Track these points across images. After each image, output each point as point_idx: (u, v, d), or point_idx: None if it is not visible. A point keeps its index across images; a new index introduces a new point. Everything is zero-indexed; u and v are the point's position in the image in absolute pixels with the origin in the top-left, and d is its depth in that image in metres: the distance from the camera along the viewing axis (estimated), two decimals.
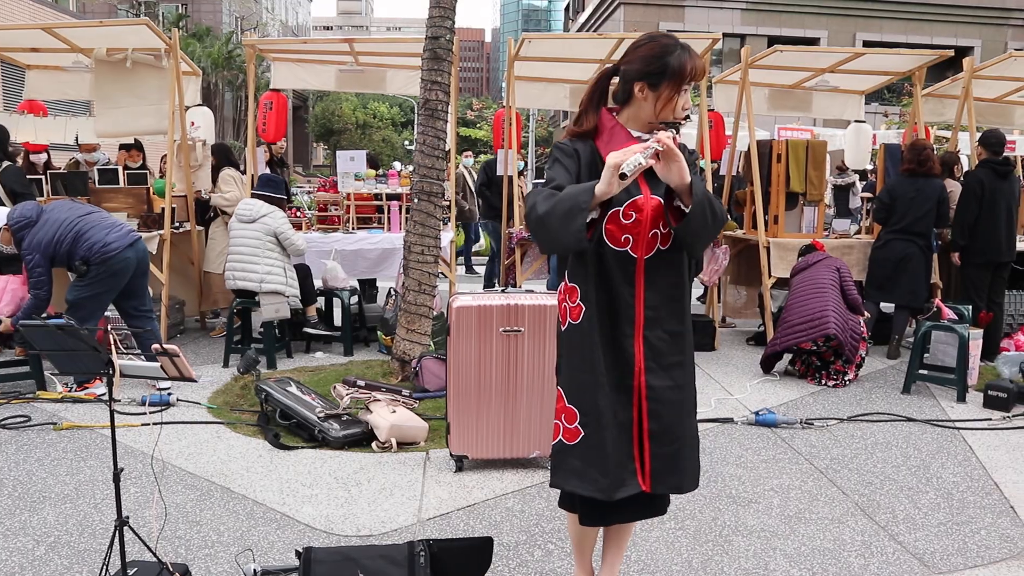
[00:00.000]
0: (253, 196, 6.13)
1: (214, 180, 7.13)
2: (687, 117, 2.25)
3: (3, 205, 5.65)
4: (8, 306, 5.23)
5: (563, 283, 2.36)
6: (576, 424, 2.27)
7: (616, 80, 2.28)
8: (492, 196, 8.94)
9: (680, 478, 2.31)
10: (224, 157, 7.19)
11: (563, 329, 2.34)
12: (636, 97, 2.20)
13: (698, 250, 2.27)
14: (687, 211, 2.12)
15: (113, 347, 2.63)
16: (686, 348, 2.32)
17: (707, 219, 2.13)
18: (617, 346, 2.25)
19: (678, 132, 2.18)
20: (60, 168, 7.66)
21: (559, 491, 2.43)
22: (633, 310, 2.23)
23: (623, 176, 1.97)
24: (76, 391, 5.14)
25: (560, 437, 2.32)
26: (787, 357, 5.97)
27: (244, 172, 7.40)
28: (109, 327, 2.67)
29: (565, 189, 2.10)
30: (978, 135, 6.75)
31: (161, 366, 2.68)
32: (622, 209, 2.16)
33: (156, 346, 2.66)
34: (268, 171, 7.79)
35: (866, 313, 5.97)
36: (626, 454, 2.26)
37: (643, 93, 2.19)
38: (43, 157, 7.59)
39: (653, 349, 2.24)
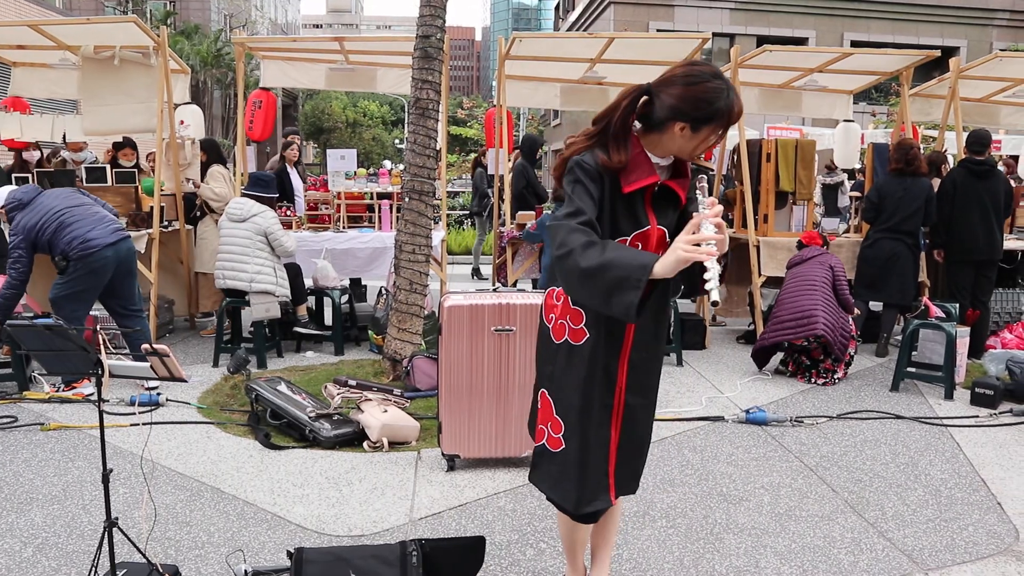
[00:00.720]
0: (244, 195, 6.10)
1: (203, 177, 7.10)
2: (705, 172, 2.24)
3: None
4: None
5: (556, 292, 2.31)
6: (560, 435, 2.31)
7: (644, 99, 2.13)
8: (532, 199, 8.17)
9: (634, 483, 2.44)
10: (214, 153, 7.15)
11: (557, 343, 2.29)
12: (673, 133, 2.08)
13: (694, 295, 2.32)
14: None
15: (102, 347, 2.61)
16: (660, 367, 2.40)
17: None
18: (606, 368, 2.26)
19: (709, 176, 2.17)
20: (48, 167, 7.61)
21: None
22: (624, 332, 2.24)
23: (715, 304, 1.95)
24: (64, 391, 5.11)
25: (544, 442, 2.36)
26: (778, 357, 6.00)
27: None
28: (98, 327, 2.64)
29: (611, 250, 1.96)
30: (965, 134, 6.80)
31: (151, 366, 2.66)
32: (629, 239, 2.16)
33: (146, 346, 2.64)
34: (295, 173, 7.83)
35: (857, 311, 6.01)
36: (603, 471, 2.31)
37: (683, 132, 2.07)
38: (36, 155, 7.54)
39: (635, 369, 2.28)
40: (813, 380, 5.69)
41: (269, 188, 6.15)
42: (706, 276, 1.93)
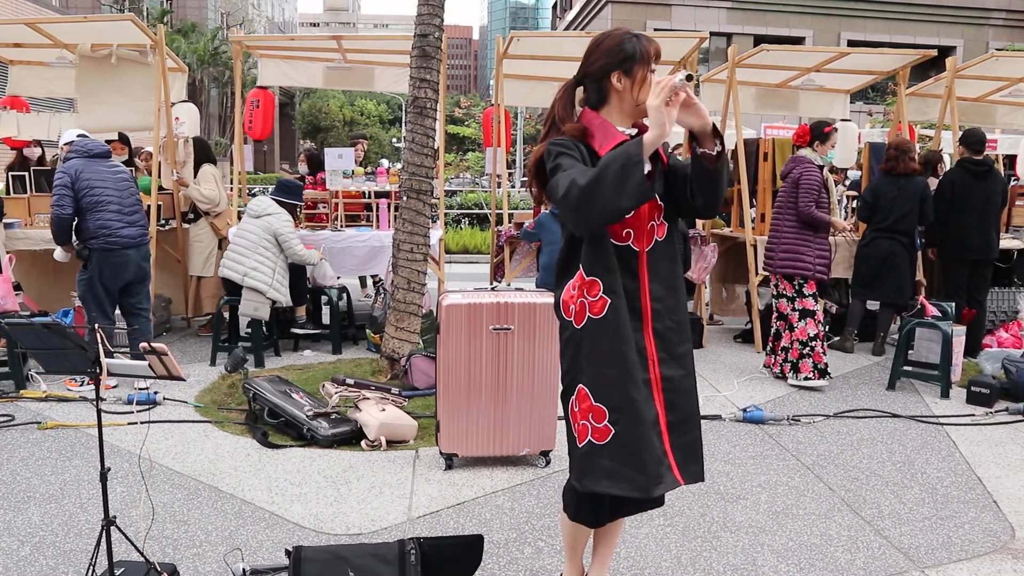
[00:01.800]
0: (270, 197, 6.25)
1: (196, 175, 7.06)
2: (689, 77, 2.19)
3: None
4: None
5: (572, 284, 2.27)
6: (606, 422, 2.18)
7: (580, 90, 2.32)
8: None
9: (700, 466, 2.31)
10: (202, 152, 7.04)
11: (579, 327, 2.24)
12: (614, 89, 2.23)
13: (720, 199, 2.25)
14: (714, 152, 2.14)
15: (100, 345, 2.61)
16: (689, 336, 2.34)
17: (728, 163, 2.17)
18: (636, 339, 2.23)
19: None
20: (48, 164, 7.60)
21: (563, 501, 2.46)
22: (640, 303, 2.23)
23: (689, 78, 2.08)
24: (66, 383, 5.15)
25: (589, 438, 2.22)
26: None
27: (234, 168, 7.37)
28: (96, 325, 2.64)
29: (602, 160, 2.07)
30: (960, 134, 6.81)
31: (149, 364, 2.66)
32: None
33: (144, 344, 2.64)
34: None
35: (845, 227, 5.83)
36: (662, 450, 2.22)
37: (620, 83, 2.21)
38: (37, 152, 7.53)
39: (663, 340, 2.25)
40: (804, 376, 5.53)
41: (293, 195, 6.29)
42: (679, 76, 2.04)
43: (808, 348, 5.47)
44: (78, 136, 5.38)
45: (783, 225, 5.56)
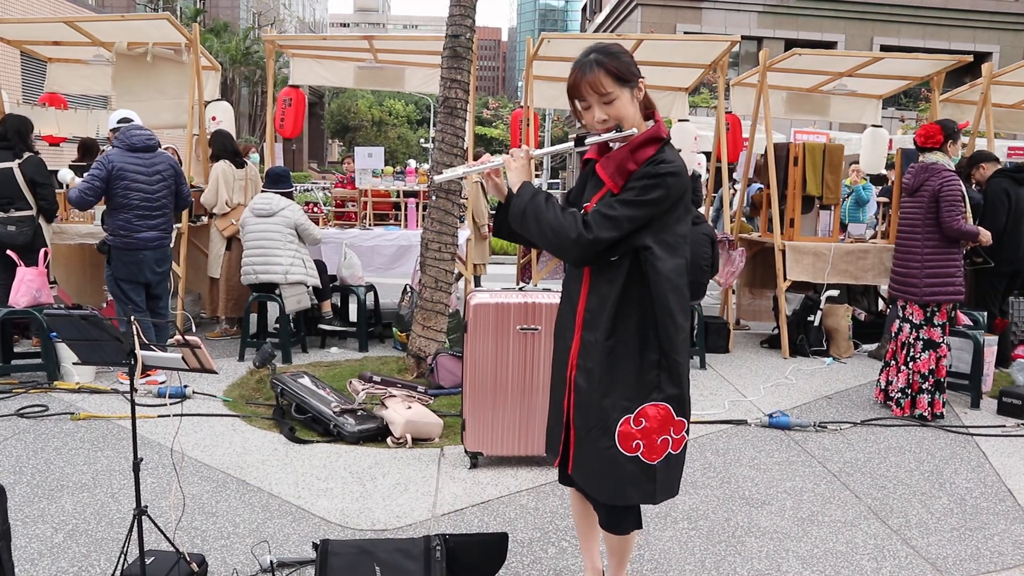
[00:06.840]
0: (274, 192, 6.21)
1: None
2: (618, 128, 2.17)
3: (24, 197, 5.81)
4: (24, 297, 5.30)
5: None
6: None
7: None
8: None
9: (585, 477, 2.31)
10: (220, 149, 6.78)
11: None
12: None
13: (534, 243, 2.35)
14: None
15: (136, 337, 2.65)
16: (605, 359, 2.20)
17: (524, 222, 2.22)
18: (563, 333, 2.37)
19: (581, 144, 2.26)
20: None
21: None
22: (576, 309, 2.30)
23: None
24: (139, 379, 5.27)
25: None
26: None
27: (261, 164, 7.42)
28: (133, 317, 2.69)
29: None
30: (997, 142, 6.70)
31: (182, 357, 2.71)
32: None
33: (177, 337, 2.69)
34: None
35: (983, 235, 5.09)
36: (558, 435, 2.37)
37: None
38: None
39: (586, 350, 2.27)
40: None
41: (288, 183, 6.39)
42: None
43: (927, 384, 4.96)
44: (123, 122, 5.48)
45: (925, 246, 4.90)
